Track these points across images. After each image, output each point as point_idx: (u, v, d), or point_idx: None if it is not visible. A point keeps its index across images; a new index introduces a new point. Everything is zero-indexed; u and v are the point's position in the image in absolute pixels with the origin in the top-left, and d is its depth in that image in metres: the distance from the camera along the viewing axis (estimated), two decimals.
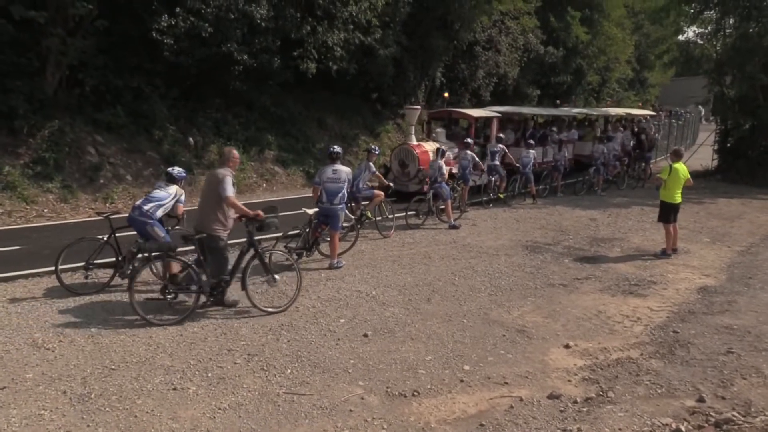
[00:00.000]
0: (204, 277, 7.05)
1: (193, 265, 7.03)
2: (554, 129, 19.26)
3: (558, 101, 26.35)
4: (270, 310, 7.34)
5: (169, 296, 7.06)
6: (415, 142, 15.11)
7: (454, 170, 14.50)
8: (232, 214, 7.19)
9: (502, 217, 13.69)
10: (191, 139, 15.80)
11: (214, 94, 17.13)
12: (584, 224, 13.13)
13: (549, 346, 6.64)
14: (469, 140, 14.44)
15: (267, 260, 7.73)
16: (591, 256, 10.54)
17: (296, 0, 16.70)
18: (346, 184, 9.19)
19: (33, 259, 9.04)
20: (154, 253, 7.10)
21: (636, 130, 21.63)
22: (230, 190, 7.00)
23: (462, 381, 5.74)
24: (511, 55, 27.03)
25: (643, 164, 19.94)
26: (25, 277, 8.29)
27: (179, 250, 7.54)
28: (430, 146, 14.94)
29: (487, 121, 16.97)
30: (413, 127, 15.08)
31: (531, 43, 28.22)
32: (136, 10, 14.62)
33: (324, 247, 9.69)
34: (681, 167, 10.59)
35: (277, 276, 7.67)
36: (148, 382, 5.49)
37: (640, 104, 35.01)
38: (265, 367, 5.84)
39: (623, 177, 18.83)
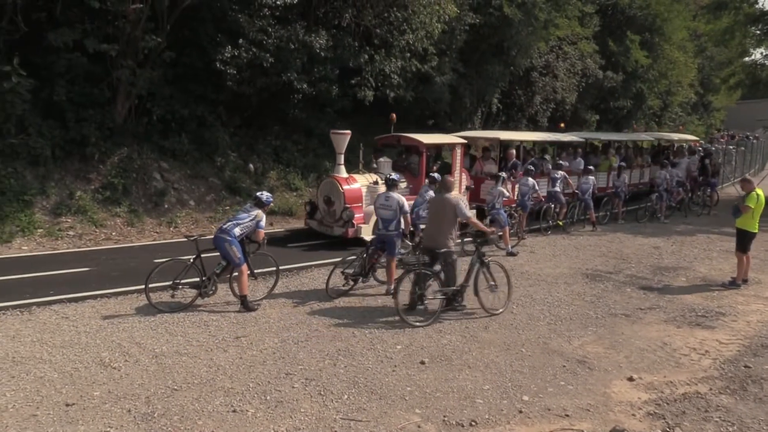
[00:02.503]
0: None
1: (441, 275, 8.03)
2: (546, 158, 16.79)
3: (562, 124, 23.10)
4: (493, 311, 8.36)
5: (423, 304, 8.00)
6: (343, 175, 12.44)
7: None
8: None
9: (561, 244, 13.43)
10: (251, 166, 16.21)
11: (274, 121, 17.58)
12: (647, 252, 12.75)
13: (611, 378, 6.45)
14: (531, 167, 14.28)
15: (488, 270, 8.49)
16: (654, 285, 10.22)
17: (354, 30, 17.04)
18: (399, 211, 9.16)
19: (101, 281, 9.39)
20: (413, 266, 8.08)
21: (702, 154, 20.95)
22: (469, 212, 8.35)
23: (521, 412, 5.63)
24: (568, 80, 26.77)
25: (709, 190, 19.26)
26: (94, 297, 8.59)
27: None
28: (364, 179, 12.58)
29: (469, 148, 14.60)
30: (341, 156, 12.49)
31: (589, 67, 27.88)
32: (202, 42, 15.24)
33: (380, 273, 9.70)
34: (762, 194, 10.21)
35: (495, 283, 8.44)
36: (209, 403, 5.59)
37: (681, 127, 33.72)
38: (322, 392, 5.87)
39: (687, 204, 18.23)
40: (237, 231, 8.13)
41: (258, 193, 8.63)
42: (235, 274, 8.28)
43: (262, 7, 14.70)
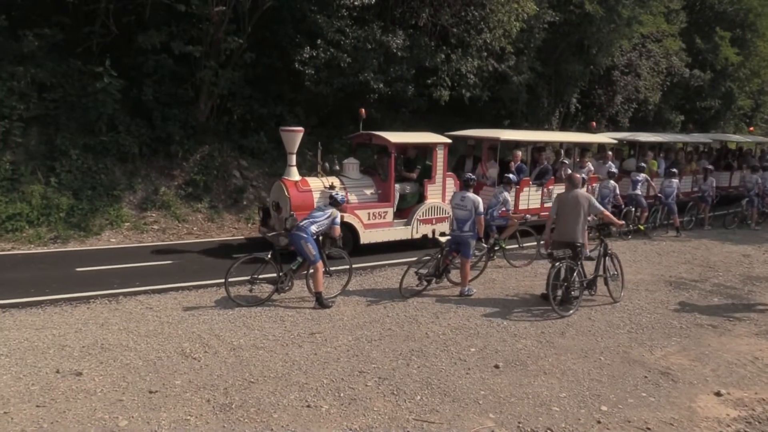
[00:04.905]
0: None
1: (580, 267, 8.55)
2: (566, 161, 14.68)
3: (593, 123, 19.53)
4: (616, 299, 9.02)
5: (570, 295, 8.47)
6: (293, 178, 11.09)
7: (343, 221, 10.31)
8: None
9: (642, 249, 12.93)
10: (326, 164, 16.35)
11: (349, 121, 17.73)
12: (736, 260, 12.09)
13: (697, 392, 6.14)
14: (614, 170, 13.80)
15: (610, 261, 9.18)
16: (744, 295, 9.68)
17: (431, 29, 16.96)
18: (474, 212, 9.06)
19: (183, 274, 9.76)
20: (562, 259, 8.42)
21: None
22: (601, 207, 9.05)
23: (599, 422, 5.43)
24: (652, 79, 25.71)
25: None
26: (176, 290, 8.93)
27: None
28: (319, 183, 11.22)
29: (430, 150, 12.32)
30: (293, 156, 11.14)
31: (675, 66, 26.68)
32: (281, 43, 15.57)
33: (454, 274, 9.63)
34: None
35: (617, 272, 9.14)
36: (284, 397, 5.68)
37: (750, 129, 31.49)
38: (395, 392, 5.86)
39: None
40: (313, 229, 8.26)
41: (333, 193, 8.77)
42: (311, 270, 8.41)
43: (340, 8, 14.85)
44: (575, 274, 8.51)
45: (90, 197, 12.59)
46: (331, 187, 10.95)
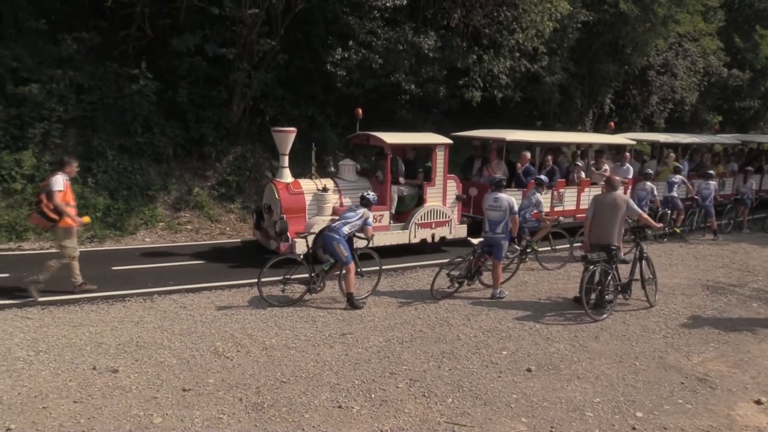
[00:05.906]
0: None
1: (614, 271, 8.46)
2: (579, 163, 14.18)
3: (611, 124, 18.51)
4: (652, 303, 8.89)
5: (604, 298, 8.43)
6: (285, 180, 10.75)
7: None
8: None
9: (678, 253, 12.67)
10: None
11: (381, 122, 17.73)
12: None
13: (736, 400, 6.00)
14: (650, 171, 13.57)
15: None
16: None
17: (463, 30, 16.89)
18: (508, 212, 8.98)
19: (215, 274, 9.86)
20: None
21: None
22: (639, 209, 8.86)
23: (634, 429, 5.35)
24: (689, 79, 25.23)
25: None
26: (209, 289, 9.03)
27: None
28: (312, 185, 10.81)
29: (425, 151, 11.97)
30: (285, 157, 10.90)
31: (712, 65, 26.15)
32: (313, 44, 15.66)
33: (486, 276, 9.56)
34: None
35: (653, 276, 9.07)
36: (316, 397, 5.70)
37: None
38: (426, 394, 5.83)
39: None
40: (345, 230, 8.28)
41: (364, 193, 8.78)
42: (343, 271, 8.43)
43: (371, 10, 14.87)
44: (609, 277, 8.36)
45: (125, 197, 12.82)
46: (324, 189, 10.68)
